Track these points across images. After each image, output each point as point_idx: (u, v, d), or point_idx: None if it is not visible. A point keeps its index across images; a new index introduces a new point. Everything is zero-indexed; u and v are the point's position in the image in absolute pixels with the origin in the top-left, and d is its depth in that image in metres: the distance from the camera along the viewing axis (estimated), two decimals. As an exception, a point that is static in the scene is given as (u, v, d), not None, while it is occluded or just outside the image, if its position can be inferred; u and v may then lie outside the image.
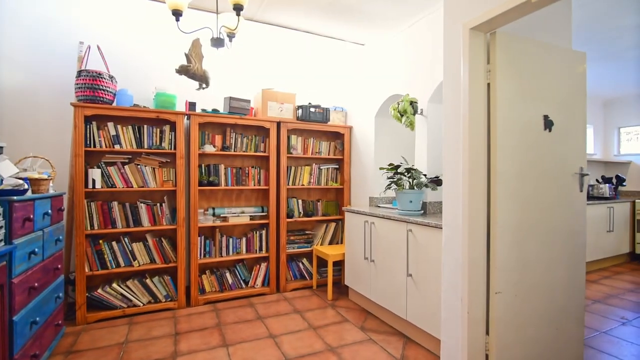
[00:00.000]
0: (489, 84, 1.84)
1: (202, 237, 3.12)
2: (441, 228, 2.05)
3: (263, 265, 3.33)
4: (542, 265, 1.94)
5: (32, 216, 1.85)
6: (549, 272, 1.96)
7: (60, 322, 2.27)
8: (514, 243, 1.85)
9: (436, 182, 2.57)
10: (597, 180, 5.26)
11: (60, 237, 2.26)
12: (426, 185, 2.56)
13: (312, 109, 3.51)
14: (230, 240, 3.24)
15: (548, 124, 1.95)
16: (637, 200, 4.78)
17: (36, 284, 1.86)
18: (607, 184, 4.85)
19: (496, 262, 1.80)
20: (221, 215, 3.21)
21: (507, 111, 1.82)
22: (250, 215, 3.32)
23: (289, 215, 3.48)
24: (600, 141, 5.75)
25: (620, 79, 4.67)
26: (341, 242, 3.72)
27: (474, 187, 1.82)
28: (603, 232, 4.39)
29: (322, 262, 3.67)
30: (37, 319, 1.86)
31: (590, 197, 4.79)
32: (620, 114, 5.62)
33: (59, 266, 2.24)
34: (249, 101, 3.23)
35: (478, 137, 1.83)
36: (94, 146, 2.69)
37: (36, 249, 1.87)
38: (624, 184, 5.09)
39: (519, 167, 1.86)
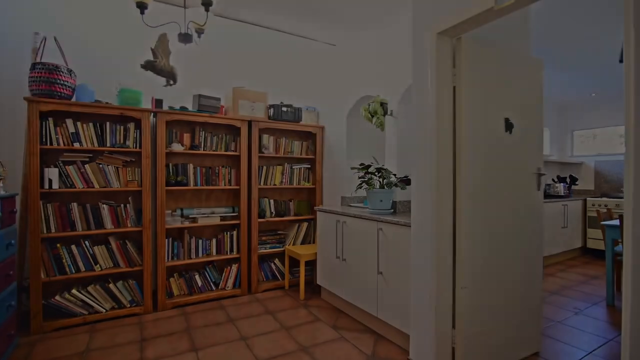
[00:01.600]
0: (454, 87, 1.91)
1: (170, 238, 3.02)
2: (410, 226, 2.11)
3: (234, 267, 3.27)
4: (504, 260, 2.04)
5: (-21, 219, 1.71)
6: (510, 266, 2.07)
7: (13, 332, 2.12)
8: (478, 240, 1.93)
9: (405, 181, 2.64)
10: (553, 180, 5.60)
11: (13, 242, 2.11)
12: (396, 185, 2.62)
13: (284, 108, 3.49)
14: (200, 241, 3.16)
15: (509, 126, 2.05)
16: (588, 198, 5.15)
17: (-16, 293, 1.72)
18: (562, 183, 5.19)
19: (462, 258, 1.88)
20: (190, 216, 3.12)
21: (471, 113, 1.90)
22: (221, 216, 3.25)
23: (261, 215, 3.44)
24: (556, 143, 6.13)
25: (574, 86, 5.01)
26: (313, 242, 3.72)
27: (441, 186, 1.88)
28: (558, 228, 4.70)
29: (294, 262, 3.66)
30: (-14, 330, 1.72)
31: (547, 196, 5.09)
32: (574, 118, 6.03)
33: (11, 272, 2.08)
34: (219, 99, 3.16)
35: (445, 137, 1.89)
36: (51, 144, 2.53)
37: (-16, 255, 1.73)
38: (577, 183, 5.48)
39: (482, 166, 1.95)
